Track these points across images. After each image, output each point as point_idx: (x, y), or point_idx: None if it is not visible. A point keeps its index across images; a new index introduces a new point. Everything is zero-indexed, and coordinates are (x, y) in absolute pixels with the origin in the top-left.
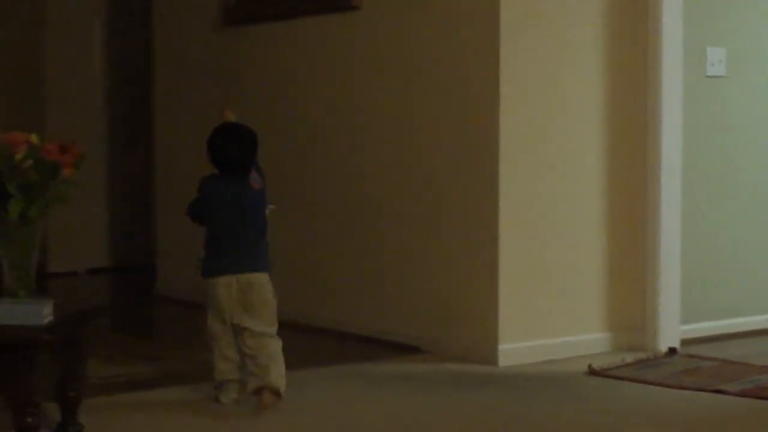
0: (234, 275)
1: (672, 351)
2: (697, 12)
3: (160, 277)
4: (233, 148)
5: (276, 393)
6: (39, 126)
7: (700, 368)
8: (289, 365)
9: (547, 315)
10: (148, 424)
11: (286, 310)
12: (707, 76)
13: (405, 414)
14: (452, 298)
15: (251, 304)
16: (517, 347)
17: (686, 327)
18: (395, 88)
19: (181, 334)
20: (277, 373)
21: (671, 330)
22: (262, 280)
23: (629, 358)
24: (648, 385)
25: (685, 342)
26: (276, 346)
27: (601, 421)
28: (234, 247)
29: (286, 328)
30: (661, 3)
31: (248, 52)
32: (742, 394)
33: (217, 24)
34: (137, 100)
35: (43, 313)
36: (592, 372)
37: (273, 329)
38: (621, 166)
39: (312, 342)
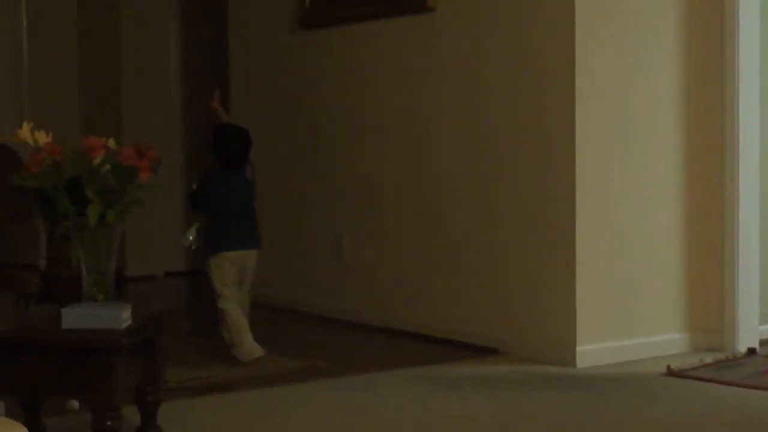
0: (236, 251)
1: (751, 351)
2: None
3: None
4: (233, 145)
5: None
6: (115, 129)
7: None
8: (370, 367)
9: (624, 316)
10: (226, 426)
11: (368, 314)
12: None
13: (483, 415)
14: (530, 300)
15: (244, 275)
16: (595, 348)
17: (765, 327)
18: (470, 90)
19: (257, 337)
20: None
21: (750, 330)
22: (255, 256)
23: (708, 358)
24: (727, 386)
25: (764, 342)
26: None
27: (679, 422)
28: (236, 227)
29: (369, 331)
30: (738, 2)
31: (322, 54)
32: None
33: (292, 26)
34: None
35: (122, 316)
36: (671, 373)
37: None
38: (698, 167)
39: (391, 344)
